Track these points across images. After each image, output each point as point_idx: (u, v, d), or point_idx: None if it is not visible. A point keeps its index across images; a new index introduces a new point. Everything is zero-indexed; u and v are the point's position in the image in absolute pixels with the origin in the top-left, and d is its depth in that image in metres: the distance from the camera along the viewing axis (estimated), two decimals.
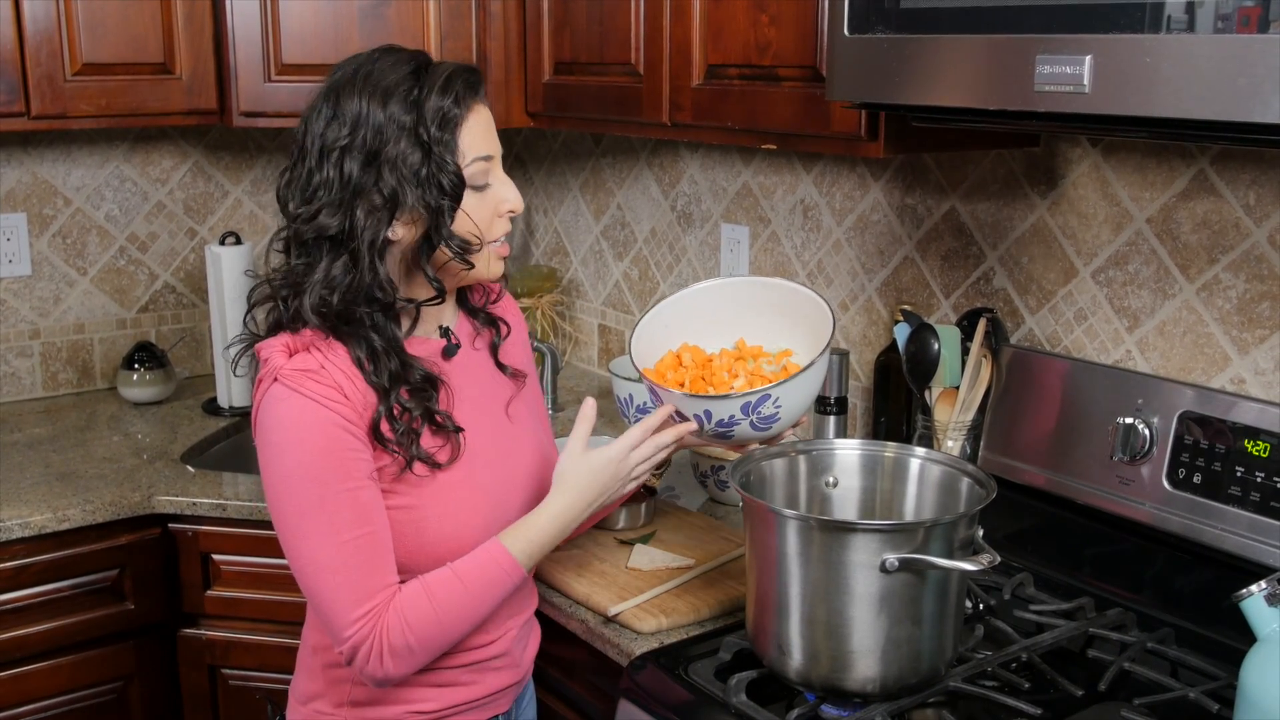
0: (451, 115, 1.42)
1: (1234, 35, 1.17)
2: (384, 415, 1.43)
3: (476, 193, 1.47)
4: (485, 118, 1.48)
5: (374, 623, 1.40)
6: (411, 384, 1.46)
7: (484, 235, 1.48)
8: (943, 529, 1.38)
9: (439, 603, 1.42)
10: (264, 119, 2.49)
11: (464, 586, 1.44)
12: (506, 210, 1.50)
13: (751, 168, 2.47)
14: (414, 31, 2.45)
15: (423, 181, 1.41)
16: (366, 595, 1.40)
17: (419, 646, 1.42)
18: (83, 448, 2.47)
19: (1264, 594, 1.29)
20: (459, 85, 1.44)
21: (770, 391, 1.49)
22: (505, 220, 1.51)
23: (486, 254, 1.50)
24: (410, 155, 1.40)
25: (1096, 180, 1.86)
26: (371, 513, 1.42)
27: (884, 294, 2.23)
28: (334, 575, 1.40)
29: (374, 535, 1.42)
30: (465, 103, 1.44)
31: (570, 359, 3.09)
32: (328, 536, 1.39)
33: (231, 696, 2.29)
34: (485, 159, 1.47)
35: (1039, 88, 1.33)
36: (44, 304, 2.80)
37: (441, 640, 1.44)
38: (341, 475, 1.39)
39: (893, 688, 1.43)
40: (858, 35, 1.55)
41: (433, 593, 1.43)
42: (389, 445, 1.44)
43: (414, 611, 1.41)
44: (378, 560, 1.42)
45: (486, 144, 1.47)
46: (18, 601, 2.13)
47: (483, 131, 1.47)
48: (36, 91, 2.35)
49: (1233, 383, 1.72)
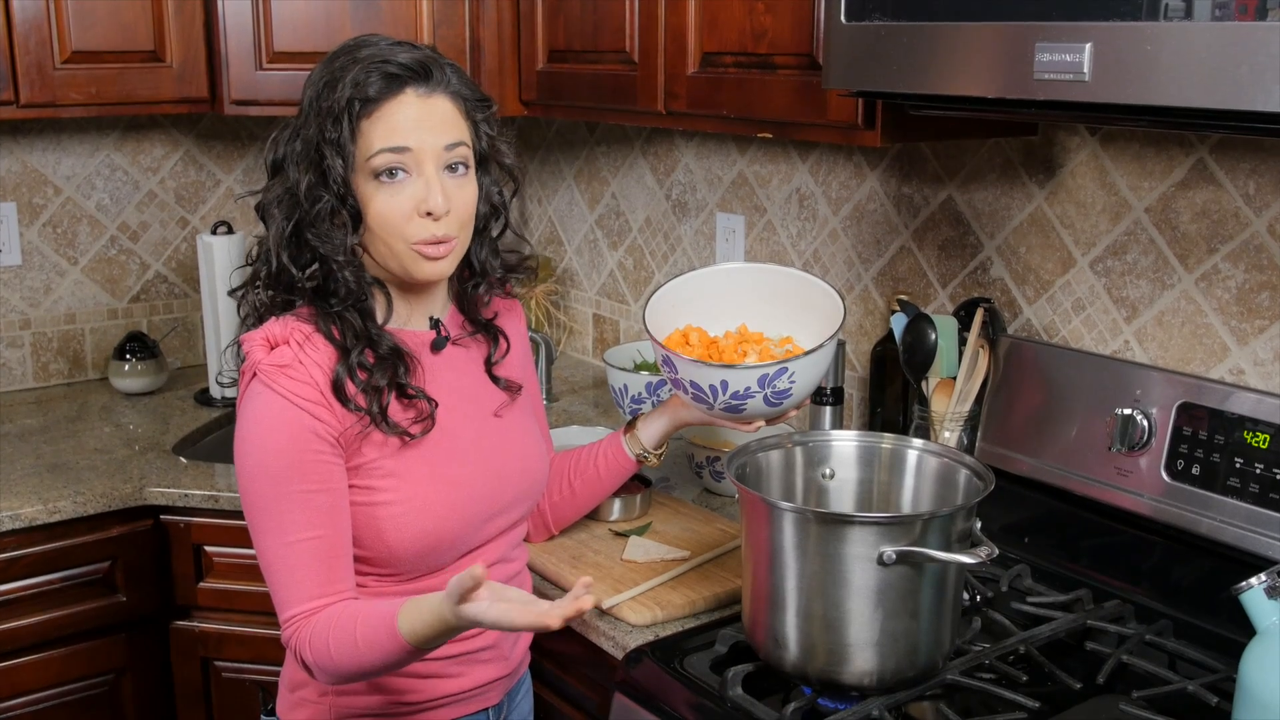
0: (350, 104, 1.40)
1: (1234, 23, 1.17)
2: (346, 373, 1.42)
3: (386, 186, 1.42)
4: (417, 110, 1.42)
5: (298, 627, 1.40)
6: (378, 352, 1.46)
7: (394, 232, 1.43)
8: (940, 521, 1.37)
9: (335, 641, 1.37)
10: (256, 107, 2.48)
11: (354, 638, 1.36)
12: (425, 210, 1.42)
13: (747, 156, 2.45)
14: (406, 19, 2.43)
15: (313, 168, 1.42)
16: (305, 598, 1.40)
17: (319, 666, 1.39)
18: (74, 439, 2.46)
19: (1263, 586, 1.28)
20: (376, 74, 1.41)
21: (787, 365, 1.50)
22: (427, 221, 1.43)
23: (400, 251, 1.44)
24: (310, 141, 1.42)
25: (1095, 169, 1.85)
26: (325, 517, 1.40)
27: (880, 284, 2.22)
28: (278, 573, 1.41)
29: (323, 540, 1.40)
30: (376, 91, 1.41)
31: (565, 349, 3.08)
32: (277, 535, 1.40)
33: (224, 689, 2.28)
34: (396, 150, 1.41)
35: (1038, 76, 1.32)
36: (35, 294, 2.78)
37: (339, 671, 1.39)
38: (298, 477, 1.39)
39: (890, 681, 1.42)
40: (854, 22, 1.54)
41: (333, 629, 1.37)
42: (351, 403, 1.42)
43: (318, 635, 1.38)
44: (324, 566, 1.40)
45: (403, 136, 1.41)
46: (8, 594, 2.12)
47: (402, 124, 1.42)
48: (26, 80, 2.33)
49: (1232, 373, 1.71)
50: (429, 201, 1.42)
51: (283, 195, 1.45)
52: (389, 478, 1.45)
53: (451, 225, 1.45)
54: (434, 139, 1.43)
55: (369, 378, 1.44)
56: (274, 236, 1.46)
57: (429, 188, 1.43)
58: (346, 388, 1.42)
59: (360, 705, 1.53)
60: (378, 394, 1.44)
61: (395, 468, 1.46)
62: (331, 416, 1.41)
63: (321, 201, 1.42)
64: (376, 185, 1.42)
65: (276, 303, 1.48)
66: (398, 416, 1.47)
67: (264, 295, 1.48)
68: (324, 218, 1.43)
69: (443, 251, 1.46)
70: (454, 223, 1.45)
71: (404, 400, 1.48)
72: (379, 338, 1.46)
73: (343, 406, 1.42)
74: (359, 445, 1.44)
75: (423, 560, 1.47)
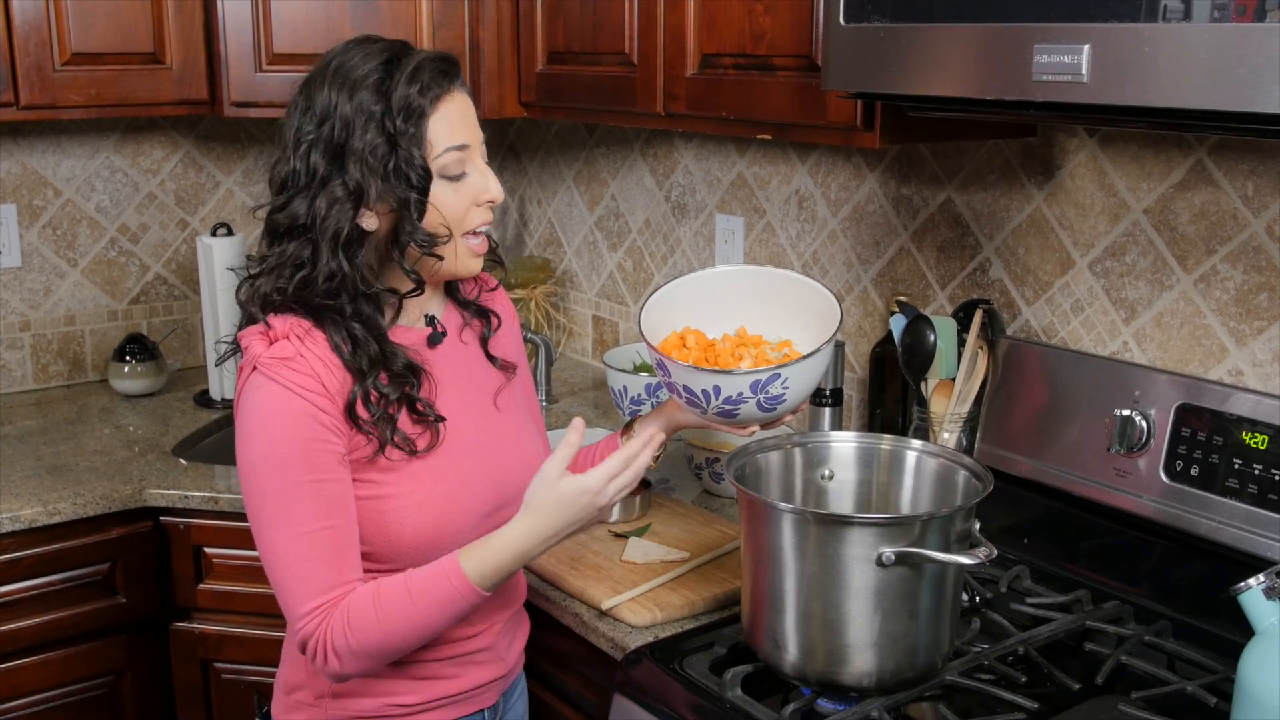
0: (417, 105, 1.41)
1: (1232, 24, 1.17)
2: (359, 398, 1.42)
3: (451, 183, 1.45)
4: (462, 106, 1.46)
5: (323, 619, 1.39)
6: (391, 370, 1.45)
7: (458, 226, 1.46)
8: (939, 522, 1.37)
9: (383, 609, 1.38)
10: (255, 109, 2.48)
11: (410, 597, 1.39)
12: (486, 200, 1.48)
13: (746, 158, 2.46)
14: (406, 21, 2.43)
15: (388, 173, 1.40)
16: (320, 590, 1.39)
17: (361, 650, 1.38)
18: (73, 440, 2.46)
19: (1262, 587, 1.28)
20: (426, 74, 1.42)
21: (780, 371, 1.50)
22: (485, 210, 1.49)
23: (455, 248, 1.47)
24: (376, 147, 1.40)
25: (1093, 170, 1.85)
26: (335, 507, 1.40)
27: (879, 285, 2.22)
28: (290, 566, 1.39)
29: (335, 530, 1.40)
30: (433, 92, 1.42)
31: (564, 350, 3.08)
32: (287, 527, 1.39)
33: (224, 690, 2.28)
34: (459, 148, 1.45)
35: (1037, 77, 1.32)
36: (34, 296, 2.78)
37: (384, 647, 1.40)
38: (306, 467, 1.38)
39: (889, 682, 1.42)
40: (853, 24, 1.54)
41: (380, 598, 1.39)
42: (363, 426, 1.42)
43: (358, 615, 1.38)
44: (336, 556, 1.40)
45: (462, 133, 1.45)
46: (8, 595, 2.12)
47: (457, 120, 1.45)
48: (25, 81, 2.33)
49: (1230, 374, 1.71)
50: (490, 191, 1.49)
51: (344, 197, 1.41)
52: (391, 472, 1.46)
53: (496, 209, 1.50)
54: (478, 133, 1.49)
55: (382, 403, 1.44)
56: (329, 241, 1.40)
57: (486, 179, 1.48)
58: (358, 411, 1.42)
59: (356, 708, 1.52)
60: (390, 423, 1.44)
61: (398, 464, 1.46)
62: (331, 404, 1.40)
63: (413, 202, 1.42)
64: (440, 184, 1.44)
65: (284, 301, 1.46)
66: (405, 428, 1.47)
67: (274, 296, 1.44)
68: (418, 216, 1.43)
69: (486, 248, 1.53)
70: (497, 207, 1.48)
71: (413, 414, 1.48)
72: (392, 355, 1.46)
73: (353, 427, 1.42)
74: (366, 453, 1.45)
75: (425, 554, 1.47)
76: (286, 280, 1.43)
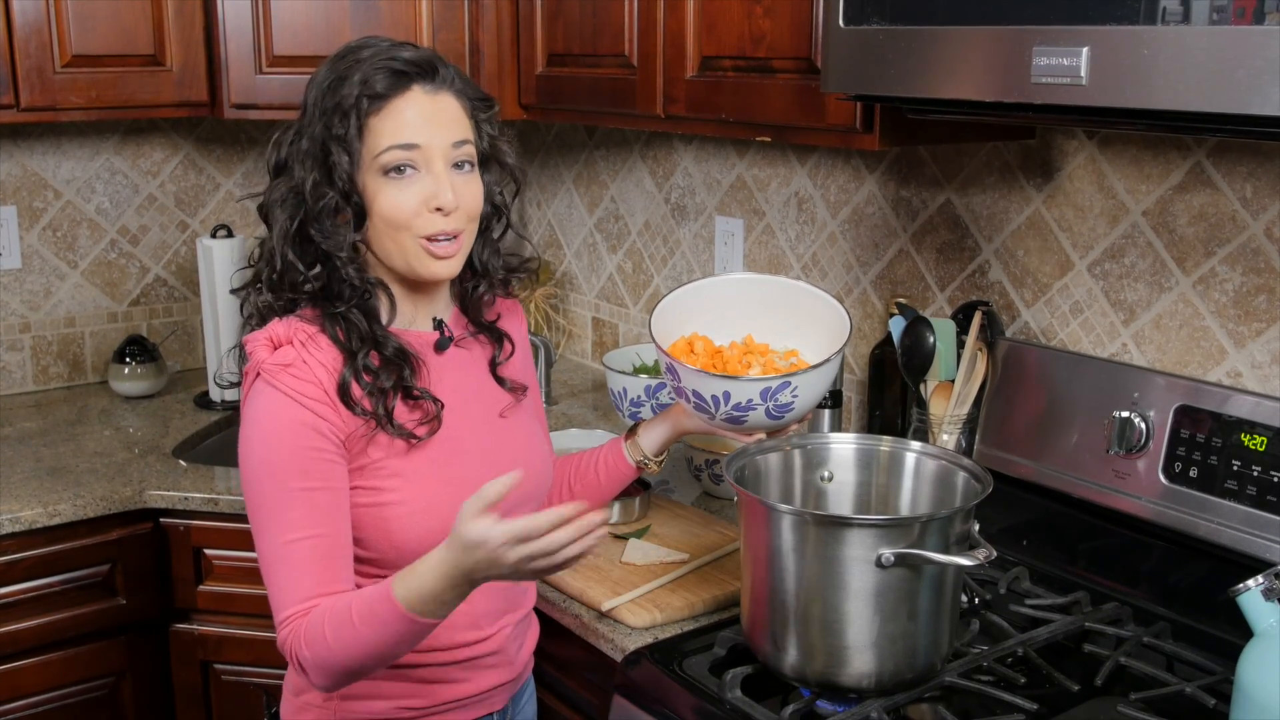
0: (358, 101, 1.41)
1: (1231, 27, 1.17)
2: (352, 376, 1.42)
3: (393, 181, 1.43)
4: (421, 107, 1.43)
5: (293, 628, 1.37)
6: (383, 354, 1.45)
7: (404, 227, 1.44)
8: (939, 524, 1.38)
9: (330, 626, 1.34)
10: (255, 111, 2.48)
11: (350, 617, 1.33)
12: (434, 205, 1.43)
13: (746, 160, 2.46)
14: (406, 23, 2.43)
15: (318, 166, 1.42)
16: (300, 598, 1.37)
17: (319, 664, 1.35)
18: (74, 442, 2.46)
19: (1260, 589, 1.28)
20: (383, 71, 1.42)
21: (791, 379, 1.50)
22: (436, 217, 1.43)
23: (407, 248, 1.45)
24: (316, 139, 1.43)
25: (1092, 173, 1.85)
26: (326, 516, 1.40)
27: (879, 287, 2.22)
28: (277, 572, 1.39)
29: (324, 539, 1.39)
30: (378, 92, 1.42)
31: (564, 352, 3.08)
32: (275, 533, 1.39)
33: (224, 692, 2.28)
34: (403, 147, 1.42)
35: (1036, 79, 1.32)
36: (34, 297, 2.79)
37: (337, 664, 1.34)
38: (299, 474, 1.38)
39: (888, 683, 1.42)
40: (853, 26, 1.54)
41: (329, 615, 1.35)
42: (358, 406, 1.42)
43: (314, 629, 1.35)
44: (321, 565, 1.39)
45: (413, 133, 1.42)
46: (8, 597, 2.12)
47: (412, 120, 1.42)
48: (26, 83, 2.33)
49: (1229, 376, 1.71)
50: (439, 197, 1.43)
51: (287, 194, 1.45)
52: (395, 478, 1.45)
53: (460, 219, 1.45)
54: (442, 136, 1.44)
55: (374, 380, 1.43)
56: (278, 235, 1.46)
57: (438, 183, 1.43)
58: (352, 390, 1.42)
59: (365, 710, 1.52)
60: (383, 396, 1.44)
61: (401, 468, 1.46)
62: (335, 416, 1.41)
63: (326, 198, 1.43)
64: (384, 181, 1.43)
65: (279, 304, 1.48)
66: (403, 418, 1.47)
67: (267, 296, 1.48)
68: (328, 214, 1.43)
69: (451, 250, 1.46)
70: (462, 217, 1.46)
71: (409, 402, 1.48)
72: (384, 339, 1.46)
73: (348, 410, 1.42)
74: (364, 446, 1.44)
75: None
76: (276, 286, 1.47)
